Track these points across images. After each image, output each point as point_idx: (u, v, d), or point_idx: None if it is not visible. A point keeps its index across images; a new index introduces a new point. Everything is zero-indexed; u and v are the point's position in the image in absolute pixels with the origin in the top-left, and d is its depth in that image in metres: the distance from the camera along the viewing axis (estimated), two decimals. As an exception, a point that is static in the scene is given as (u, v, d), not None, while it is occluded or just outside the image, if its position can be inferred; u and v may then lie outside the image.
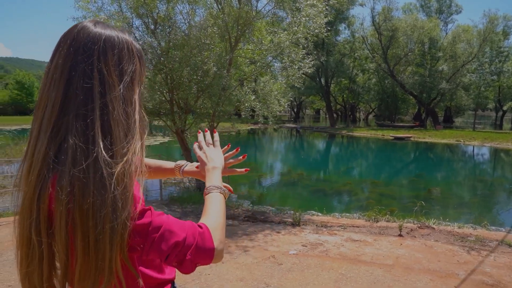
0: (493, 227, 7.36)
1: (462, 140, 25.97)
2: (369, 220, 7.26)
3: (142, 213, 0.83)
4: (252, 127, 42.36)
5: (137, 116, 0.86)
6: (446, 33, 44.69)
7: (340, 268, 4.73)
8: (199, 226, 0.90)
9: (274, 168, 17.67)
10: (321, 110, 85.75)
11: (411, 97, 43.19)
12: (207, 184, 1.07)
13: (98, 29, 0.85)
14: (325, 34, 9.38)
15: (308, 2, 8.74)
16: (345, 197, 10.87)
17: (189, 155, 9.78)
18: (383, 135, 30.32)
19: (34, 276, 0.80)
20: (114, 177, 0.76)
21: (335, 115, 78.87)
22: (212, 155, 1.18)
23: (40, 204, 0.77)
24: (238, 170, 1.34)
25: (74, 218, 0.75)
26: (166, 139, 23.83)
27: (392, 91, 44.84)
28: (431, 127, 39.29)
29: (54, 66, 0.82)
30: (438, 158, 21.49)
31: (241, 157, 1.34)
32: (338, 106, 66.12)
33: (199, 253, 0.86)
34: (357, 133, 33.72)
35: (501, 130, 35.19)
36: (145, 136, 0.90)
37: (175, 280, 1.13)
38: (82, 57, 0.81)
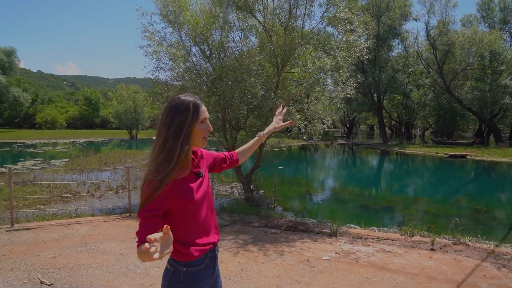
0: (534, 248, 7.39)
1: (526, 159, 24.66)
2: (404, 235, 7.63)
3: None
4: (304, 143, 42.86)
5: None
6: (511, 45, 42.61)
7: (367, 273, 5.27)
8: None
9: (321, 183, 18.13)
10: (375, 126, 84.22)
11: (470, 113, 41.46)
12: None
13: (181, 98, 1.70)
14: (366, 56, 9.91)
15: (348, 28, 9.37)
16: (387, 213, 11.14)
17: (238, 169, 10.70)
18: (437, 153, 29.46)
19: None
20: None
21: (389, 131, 77.16)
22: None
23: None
24: (285, 123, 2.44)
25: None
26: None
27: (449, 106, 43.28)
28: (494, 144, 37.36)
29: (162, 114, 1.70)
30: (491, 177, 20.67)
31: (288, 122, 2.47)
32: (393, 122, 64.67)
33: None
34: (410, 150, 33.00)
35: None
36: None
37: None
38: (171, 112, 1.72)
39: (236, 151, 2.27)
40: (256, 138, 2.30)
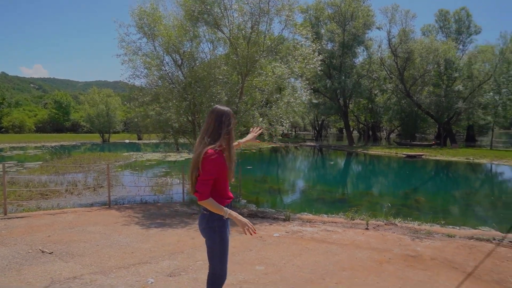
0: (450, 226, 8.99)
1: (471, 158, 27.02)
2: (346, 218, 9.07)
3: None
4: (274, 145, 44.41)
5: (231, 134, 2.86)
6: (463, 54, 45.73)
7: (307, 244, 6.61)
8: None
9: (285, 181, 19.59)
10: (344, 129, 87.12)
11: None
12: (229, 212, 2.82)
13: (221, 108, 2.89)
14: (319, 69, 11.35)
15: (302, 43, 10.81)
16: (339, 203, 12.59)
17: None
18: (397, 153, 31.64)
19: (193, 179, 2.82)
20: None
21: (357, 133, 79.92)
22: None
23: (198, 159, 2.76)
24: (256, 140, 3.68)
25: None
26: (191, 155, 26.15)
27: (410, 110, 46.00)
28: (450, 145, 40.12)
29: (209, 117, 2.84)
30: (437, 174, 22.82)
31: (256, 132, 3.64)
32: (361, 125, 67.37)
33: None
34: (373, 151, 35.14)
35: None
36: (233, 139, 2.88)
37: None
38: (218, 117, 2.83)
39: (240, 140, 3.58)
40: (236, 142, 3.53)
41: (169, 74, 12.23)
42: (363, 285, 4.61)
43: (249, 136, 3.62)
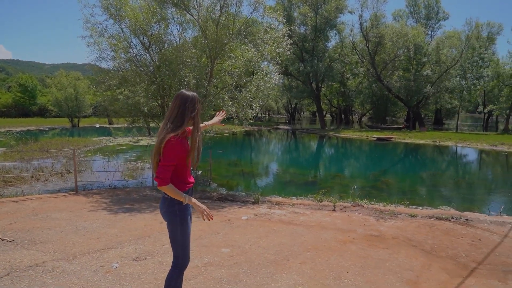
0: (413, 206, 9.35)
1: (438, 141, 27.99)
2: (315, 201, 9.26)
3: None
4: (247, 129, 44.46)
5: (196, 119, 2.81)
6: (431, 39, 46.77)
7: (274, 226, 6.72)
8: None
9: (257, 164, 19.71)
10: (317, 113, 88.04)
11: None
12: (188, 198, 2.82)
13: (186, 93, 2.84)
14: (288, 52, 11.36)
15: (272, 26, 10.76)
16: (308, 186, 12.83)
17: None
18: (367, 136, 32.35)
19: (154, 164, 2.79)
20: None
21: (330, 117, 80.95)
22: None
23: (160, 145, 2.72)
24: (221, 123, 3.76)
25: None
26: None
27: (381, 94, 46.92)
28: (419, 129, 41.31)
29: (174, 103, 2.78)
30: (406, 156, 23.57)
31: (221, 115, 3.68)
32: (334, 109, 68.24)
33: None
34: (344, 134, 35.78)
35: (482, 132, 37.10)
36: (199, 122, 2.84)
37: None
38: (182, 102, 2.78)
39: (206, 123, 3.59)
40: (203, 124, 3.55)
41: (137, 57, 11.94)
42: (325, 265, 4.76)
43: (215, 119, 3.67)
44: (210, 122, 3.64)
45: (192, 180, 3.01)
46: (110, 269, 4.40)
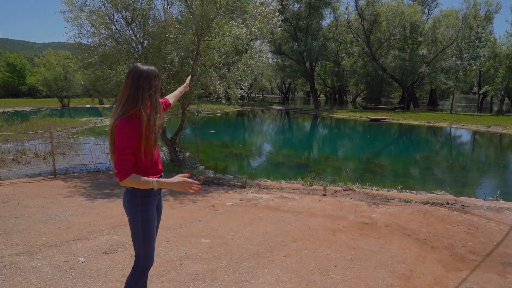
0: (407, 190, 9.02)
1: (432, 122, 27.67)
2: (304, 184, 8.89)
3: None
4: (240, 109, 43.86)
5: (153, 98, 2.35)
6: (428, 18, 45.90)
7: (260, 213, 6.34)
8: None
9: (247, 145, 19.26)
10: (311, 93, 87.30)
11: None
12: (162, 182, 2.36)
13: (141, 67, 2.36)
14: (279, 29, 10.77)
15: (263, 1, 10.13)
16: (299, 168, 12.46)
17: (163, 132, 11.32)
18: (361, 117, 31.95)
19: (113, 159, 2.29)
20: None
21: (324, 97, 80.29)
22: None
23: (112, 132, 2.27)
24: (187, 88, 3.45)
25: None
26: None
27: (376, 74, 46.29)
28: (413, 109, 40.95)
29: (126, 81, 2.32)
30: (400, 137, 23.23)
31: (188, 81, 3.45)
32: (328, 89, 67.60)
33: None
34: (338, 115, 35.34)
35: (476, 113, 36.84)
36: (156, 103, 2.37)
37: None
38: (134, 80, 2.31)
39: (167, 97, 3.14)
40: (178, 91, 3.29)
41: (120, 33, 11.28)
42: (312, 258, 4.40)
43: (186, 83, 3.47)
44: (182, 86, 3.40)
45: (160, 167, 2.56)
46: (74, 265, 4.00)
